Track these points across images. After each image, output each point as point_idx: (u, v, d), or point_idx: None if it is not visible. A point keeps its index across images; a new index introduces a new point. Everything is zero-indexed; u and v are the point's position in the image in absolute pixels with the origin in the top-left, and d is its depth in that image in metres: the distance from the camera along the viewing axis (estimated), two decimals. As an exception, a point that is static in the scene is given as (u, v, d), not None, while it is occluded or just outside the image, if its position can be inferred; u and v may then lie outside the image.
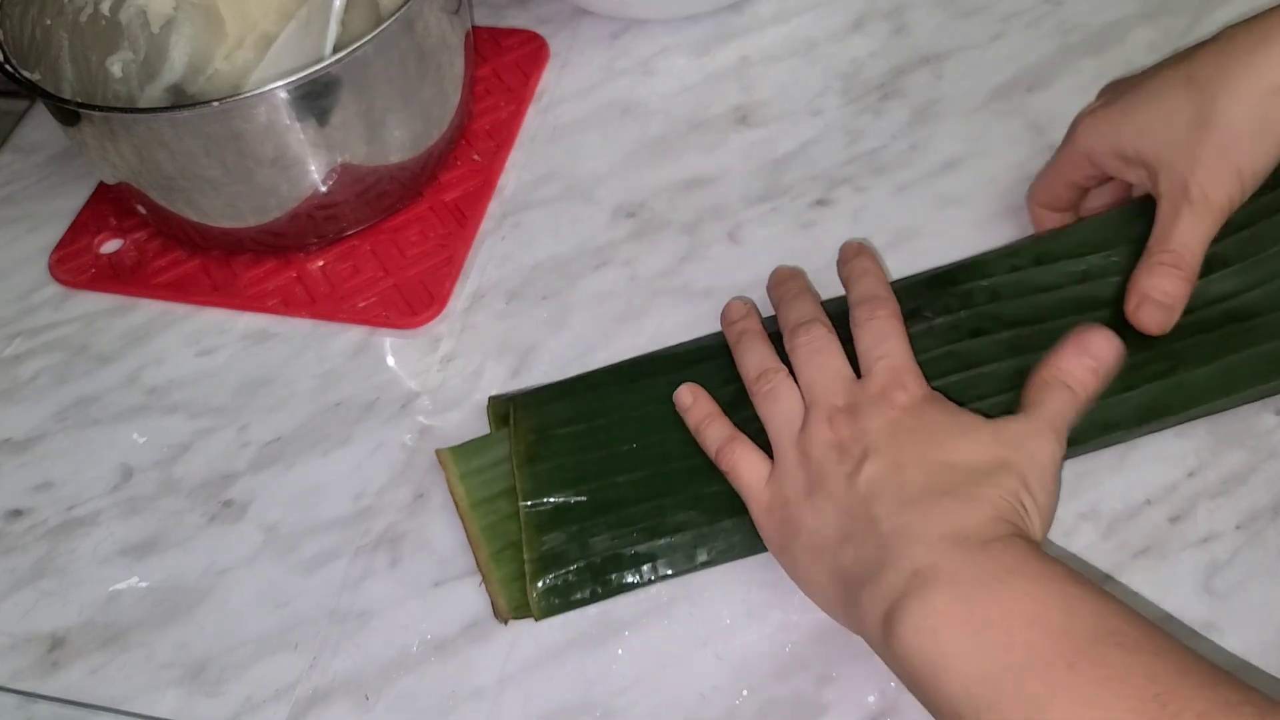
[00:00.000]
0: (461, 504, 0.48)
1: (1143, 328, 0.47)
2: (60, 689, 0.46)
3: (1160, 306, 0.47)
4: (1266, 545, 0.44)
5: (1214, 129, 0.46)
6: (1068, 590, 0.36)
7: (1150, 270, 0.47)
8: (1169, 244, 0.47)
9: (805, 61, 0.64)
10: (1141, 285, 0.47)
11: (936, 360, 0.47)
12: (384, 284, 0.56)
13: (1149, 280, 0.47)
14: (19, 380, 0.56)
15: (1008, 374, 0.47)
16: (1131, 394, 0.46)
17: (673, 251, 0.56)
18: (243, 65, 0.63)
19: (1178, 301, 0.47)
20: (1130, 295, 0.47)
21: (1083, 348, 0.43)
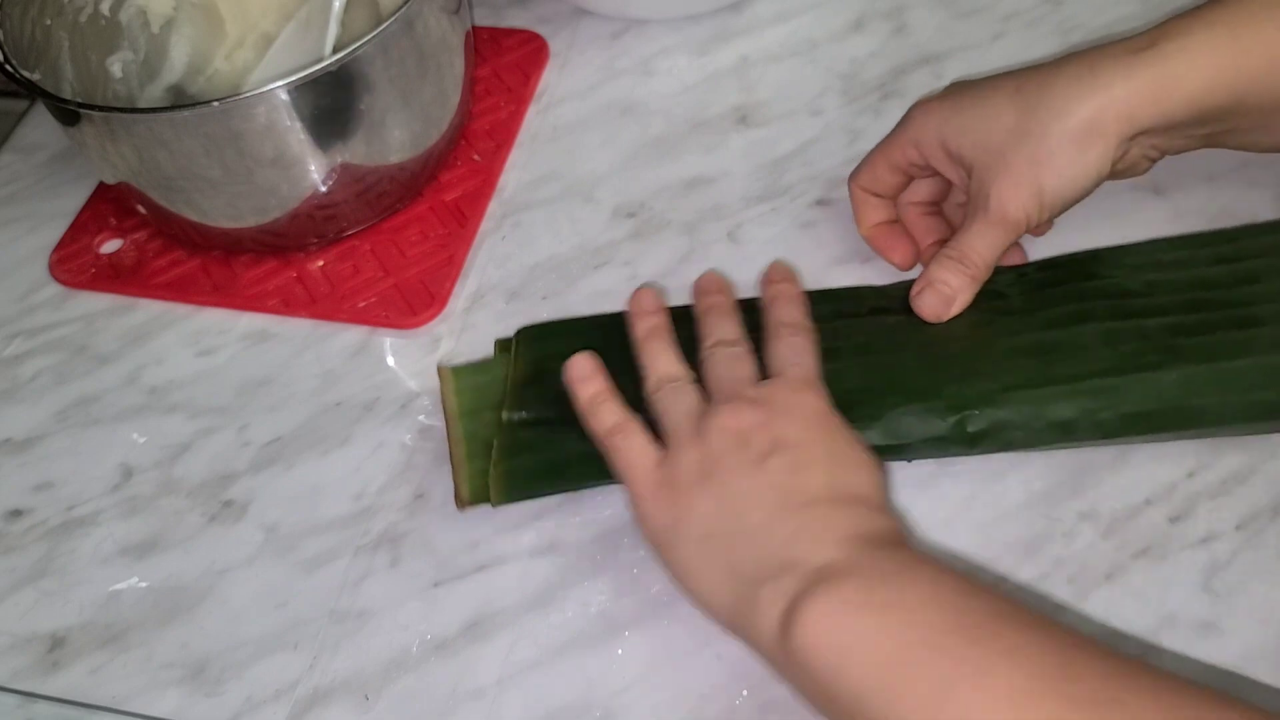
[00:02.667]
0: (450, 412, 0.49)
1: (920, 312, 0.49)
2: (60, 689, 0.46)
3: (939, 295, 0.48)
4: (1266, 545, 0.44)
5: (1028, 141, 0.47)
6: (962, 583, 0.38)
7: (939, 261, 0.49)
8: (960, 244, 0.48)
9: (805, 61, 0.64)
10: (928, 273, 0.49)
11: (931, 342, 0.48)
12: (384, 284, 0.56)
13: (935, 269, 0.49)
14: (19, 380, 0.56)
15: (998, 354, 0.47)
16: (1125, 379, 0.45)
17: (673, 251, 0.56)
18: (243, 65, 0.63)
19: (957, 294, 0.48)
20: (917, 281, 0.49)
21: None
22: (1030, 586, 0.44)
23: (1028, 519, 0.46)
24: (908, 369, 0.47)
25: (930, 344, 0.48)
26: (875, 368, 0.47)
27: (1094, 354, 0.46)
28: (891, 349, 0.48)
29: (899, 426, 0.46)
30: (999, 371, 0.46)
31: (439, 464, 0.50)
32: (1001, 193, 0.47)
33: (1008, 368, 0.46)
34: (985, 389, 0.46)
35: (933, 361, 0.47)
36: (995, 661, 0.34)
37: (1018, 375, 0.46)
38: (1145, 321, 0.47)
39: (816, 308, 0.49)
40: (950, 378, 0.46)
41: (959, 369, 0.47)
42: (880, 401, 0.46)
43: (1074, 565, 0.44)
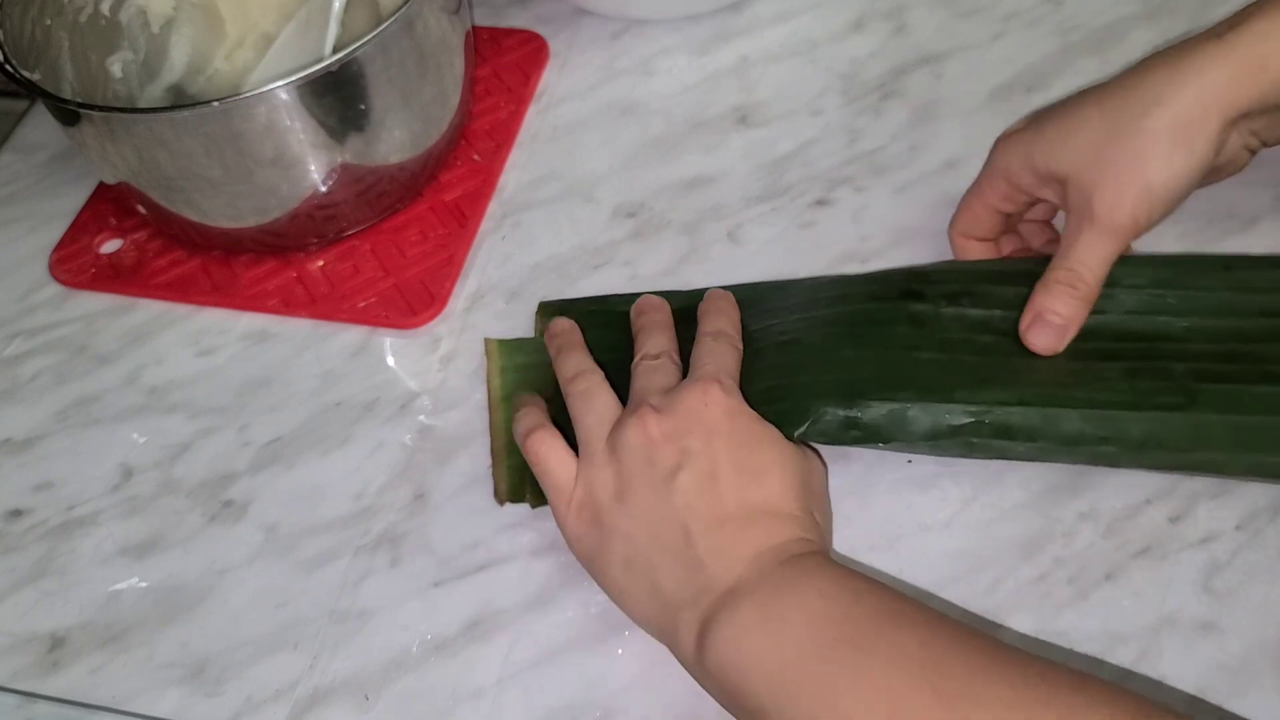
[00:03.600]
0: (495, 395, 0.51)
1: (1032, 348, 0.46)
2: (60, 689, 0.46)
3: (1050, 327, 0.46)
4: (1266, 545, 0.44)
5: (1125, 138, 0.45)
6: (856, 584, 0.39)
7: (1046, 288, 0.46)
8: (1067, 261, 0.46)
9: (805, 61, 0.64)
10: (1035, 303, 0.46)
11: (955, 342, 0.47)
12: (384, 284, 0.56)
13: (1043, 299, 0.46)
14: (19, 380, 0.56)
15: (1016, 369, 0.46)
16: (1138, 415, 0.44)
17: (673, 251, 0.56)
18: (243, 65, 0.63)
19: (1070, 323, 0.46)
20: (1025, 313, 0.46)
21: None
22: (1030, 586, 0.44)
23: (1028, 519, 0.46)
24: (925, 365, 0.46)
25: (952, 344, 0.47)
26: (893, 359, 0.47)
27: (1113, 385, 0.45)
28: (913, 342, 0.47)
29: (905, 419, 0.45)
30: (1014, 384, 0.45)
31: (439, 464, 0.50)
32: (1106, 196, 0.45)
33: (1024, 382, 0.45)
34: (998, 398, 0.45)
35: (951, 362, 0.46)
36: (873, 664, 0.36)
37: (1033, 392, 0.45)
38: (1173, 365, 0.46)
39: (842, 288, 0.50)
40: (965, 381, 0.46)
41: (976, 375, 0.46)
42: (891, 392, 0.45)
43: (1074, 565, 0.44)
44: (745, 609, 0.39)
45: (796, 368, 0.47)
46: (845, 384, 0.46)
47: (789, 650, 0.37)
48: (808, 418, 0.45)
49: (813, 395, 0.46)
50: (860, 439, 0.45)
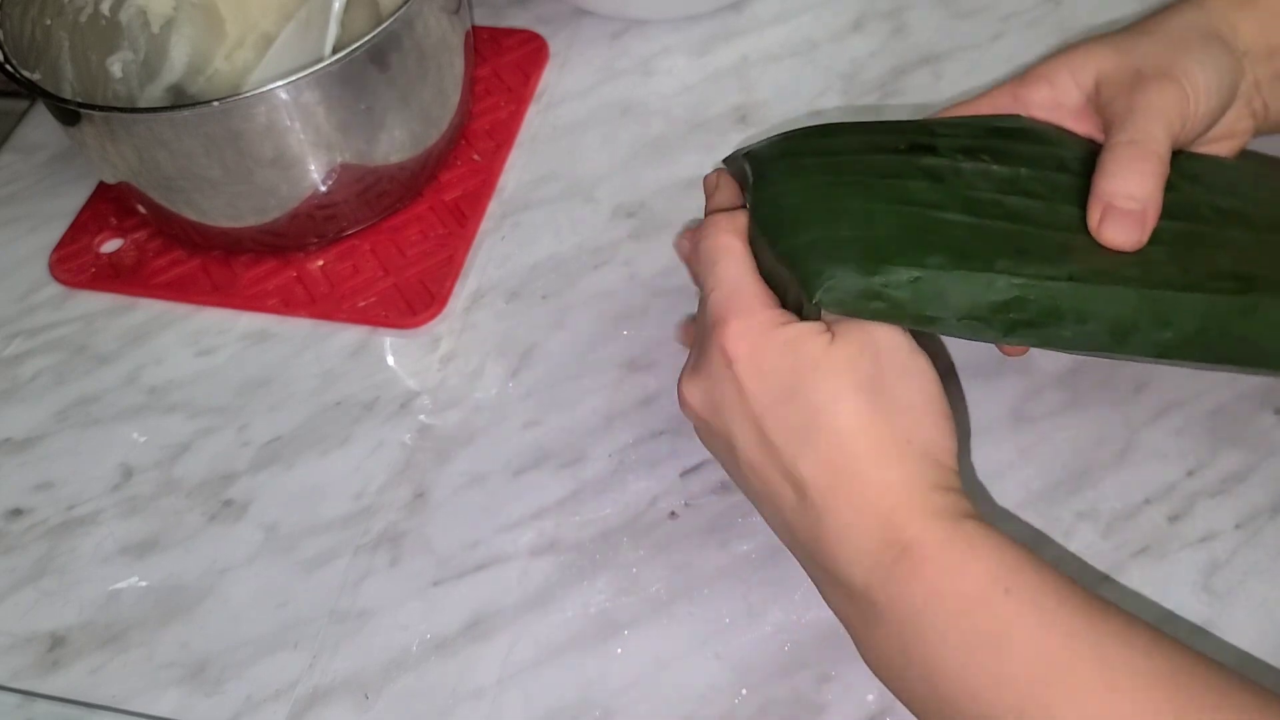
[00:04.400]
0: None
1: (1110, 244, 0.40)
2: (60, 688, 0.46)
3: (1128, 216, 0.40)
4: (1265, 544, 0.44)
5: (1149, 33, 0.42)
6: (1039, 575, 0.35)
7: (1111, 170, 0.40)
8: (1127, 133, 0.40)
9: (805, 61, 0.64)
10: (1101, 190, 0.40)
11: (982, 203, 0.41)
12: (384, 284, 0.56)
13: (1111, 183, 0.40)
14: (19, 380, 0.56)
15: (1055, 243, 0.40)
16: (1195, 298, 0.39)
17: (672, 251, 0.56)
18: (243, 65, 0.63)
19: (1149, 205, 0.40)
20: (1091, 205, 0.40)
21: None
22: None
23: (1027, 519, 0.46)
24: (952, 227, 0.40)
25: (979, 204, 0.41)
26: (914, 217, 0.40)
27: (1162, 267, 0.40)
28: (934, 199, 0.41)
29: (938, 291, 0.39)
30: (1060, 256, 0.39)
31: (439, 463, 0.50)
32: (1155, 57, 0.40)
33: (1071, 255, 0.40)
34: (1042, 271, 0.39)
35: (982, 226, 0.40)
36: (1094, 683, 0.32)
37: (1081, 266, 0.39)
38: (1217, 249, 0.41)
39: (835, 138, 0.43)
40: (1005, 249, 0.39)
41: (1015, 243, 0.40)
42: (919, 256, 0.39)
43: (1073, 565, 0.44)
44: (882, 631, 0.35)
45: (796, 224, 0.40)
46: (860, 243, 0.39)
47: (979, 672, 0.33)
48: (819, 283, 0.38)
49: (823, 256, 0.39)
50: (883, 313, 0.38)
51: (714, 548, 0.46)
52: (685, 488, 0.48)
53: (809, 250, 0.39)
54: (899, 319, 0.38)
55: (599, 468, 0.49)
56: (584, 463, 0.50)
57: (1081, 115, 0.44)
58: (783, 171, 0.42)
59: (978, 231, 0.40)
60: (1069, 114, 0.44)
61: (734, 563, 0.46)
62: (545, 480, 0.49)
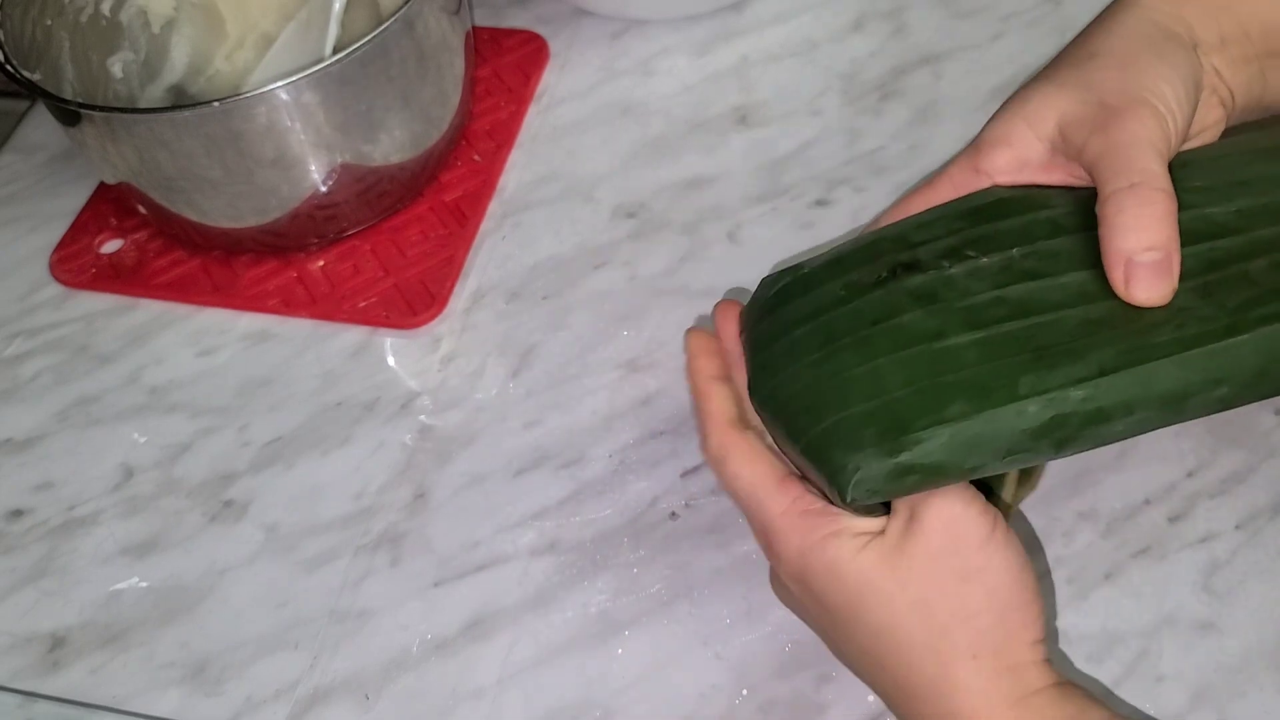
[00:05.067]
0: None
1: (1143, 303, 0.35)
2: (61, 688, 0.46)
3: (1152, 268, 0.35)
4: (1266, 545, 0.44)
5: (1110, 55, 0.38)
6: None
7: (1117, 224, 0.35)
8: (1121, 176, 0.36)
9: (805, 62, 0.64)
10: (1115, 248, 0.35)
11: (983, 308, 0.36)
12: (384, 284, 0.56)
13: (1122, 239, 0.35)
14: (20, 380, 0.56)
15: (1074, 325, 0.36)
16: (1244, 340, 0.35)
17: (672, 251, 0.56)
18: (243, 65, 0.63)
19: (1170, 250, 0.35)
20: (1110, 267, 0.36)
21: None
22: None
23: (1028, 519, 0.46)
24: (962, 356, 0.36)
25: (981, 313, 0.36)
26: (919, 362, 0.36)
27: (1196, 312, 0.35)
28: (933, 329, 0.36)
29: (970, 442, 0.35)
30: (1085, 345, 0.35)
31: (439, 464, 0.50)
32: (1124, 88, 0.36)
33: (1096, 335, 0.36)
34: (1071, 375, 0.35)
35: (993, 341, 0.36)
36: None
37: (1109, 351, 0.35)
38: (1246, 264, 0.36)
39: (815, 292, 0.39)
40: (1024, 361, 0.35)
41: (1032, 345, 0.36)
42: (938, 411, 0.35)
43: (1074, 565, 0.44)
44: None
45: (805, 414, 0.37)
46: (875, 417, 0.36)
47: None
48: (845, 480, 0.35)
49: (842, 445, 0.36)
50: (923, 483, 0.35)
51: (714, 548, 0.47)
52: (685, 488, 0.48)
53: (824, 442, 0.36)
54: (939, 483, 0.35)
55: (599, 468, 0.49)
56: (584, 463, 0.50)
57: (1050, 167, 0.39)
58: (778, 355, 0.39)
59: (989, 348, 0.36)
60: (1037, 170, 0.40)
61: (734, 563, 0.46)
62: (545, 480, 0.49)
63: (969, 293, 0.37)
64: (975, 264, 0.38)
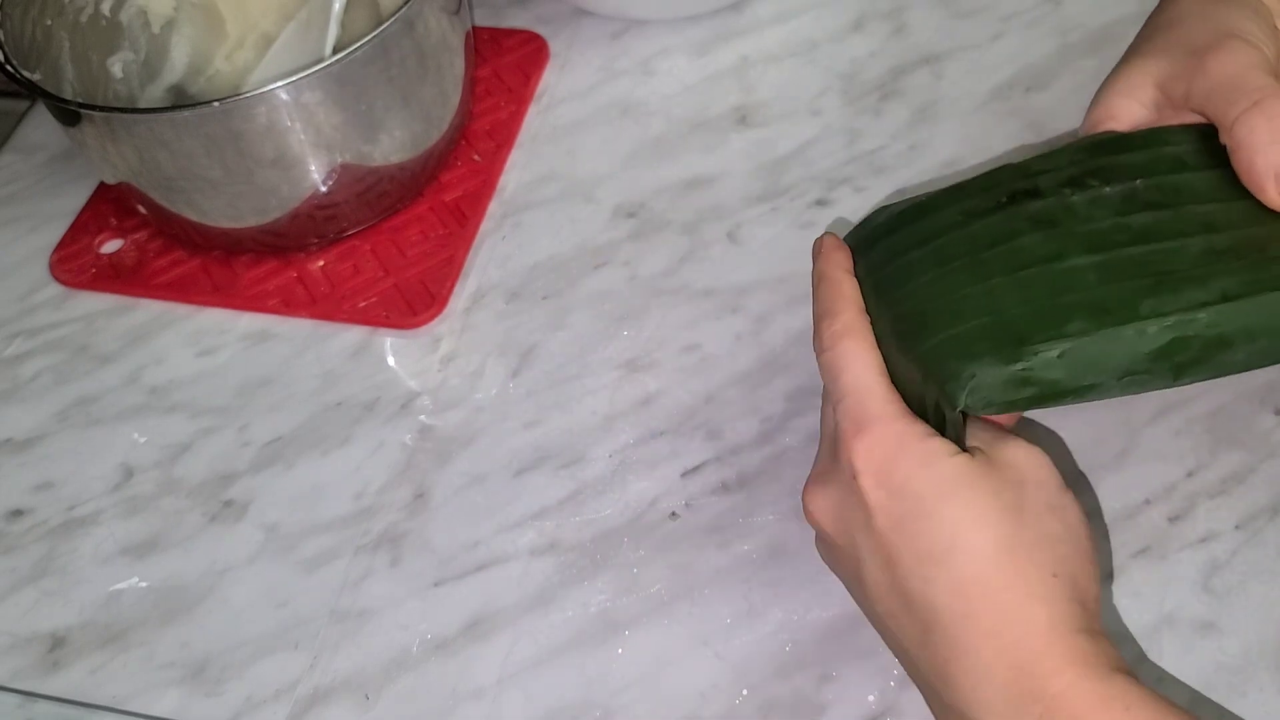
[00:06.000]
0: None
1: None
2: (61, 688, 0.46)
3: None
4: (1266, 545, 0.44)
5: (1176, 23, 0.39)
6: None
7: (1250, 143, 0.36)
8: (1237, 97, 0.36)
9: (805, 62, 0.64)
10: (1258, 168, 0.36)
11: (1104, 233, 0.36)
12: (384, 284, 0.56)
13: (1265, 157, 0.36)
14: (20, 380, 0.56)
15: (1197, 253, 0.36)
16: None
17: (672, 251, 0.56)
18: (243, 65, 0.63)
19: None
20: (1264, 186, 0.36)
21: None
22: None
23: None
24: (1082, 276, 0.36)
25: (1103, 238, 0.36)
26: (1039, 280, 0.36)
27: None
28: (1053, 250, 0.36)
29: (1089, 358, 0.35)
30: (1207, 272, 0.35)
31: (439, 464, 0.50)
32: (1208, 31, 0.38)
33: (1219, 264, 0.35)
34: (1194, 299, 0.35)
35: (1113, 264, 0.36)
36: None
37: (1233, 280, 0.35)
38: None
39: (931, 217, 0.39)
40: (1146, 284, 0.35)
41: (1154, 270, 0.35)
42: (1058, 326, 0.35)
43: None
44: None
45: (920, 330, 0.37)
46: (993, 330, 0.35)
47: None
48: (960, 385, 0.35)
49: (959, 355, 0.35)
50: (1038, 398, 0.35)
51: (714, 548, 0.47)
52: (685, 488, 0.48)
53: (941, 352, 0.36)
54: (1056, 399, 0.35)
55: (599, 468, 0.49)
56: (584, 463, 0.50)
57: (1163, 120, 0.41)
58: (892, 275, 0.39)
59: (1110, 271, 0.36)
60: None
61: (734, 563, 0.46)
62: (545, 480, 0.49)
63: (1090, 219, 0.37)
64: (1098, 193, 0.37)
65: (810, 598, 0.45)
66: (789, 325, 0.53)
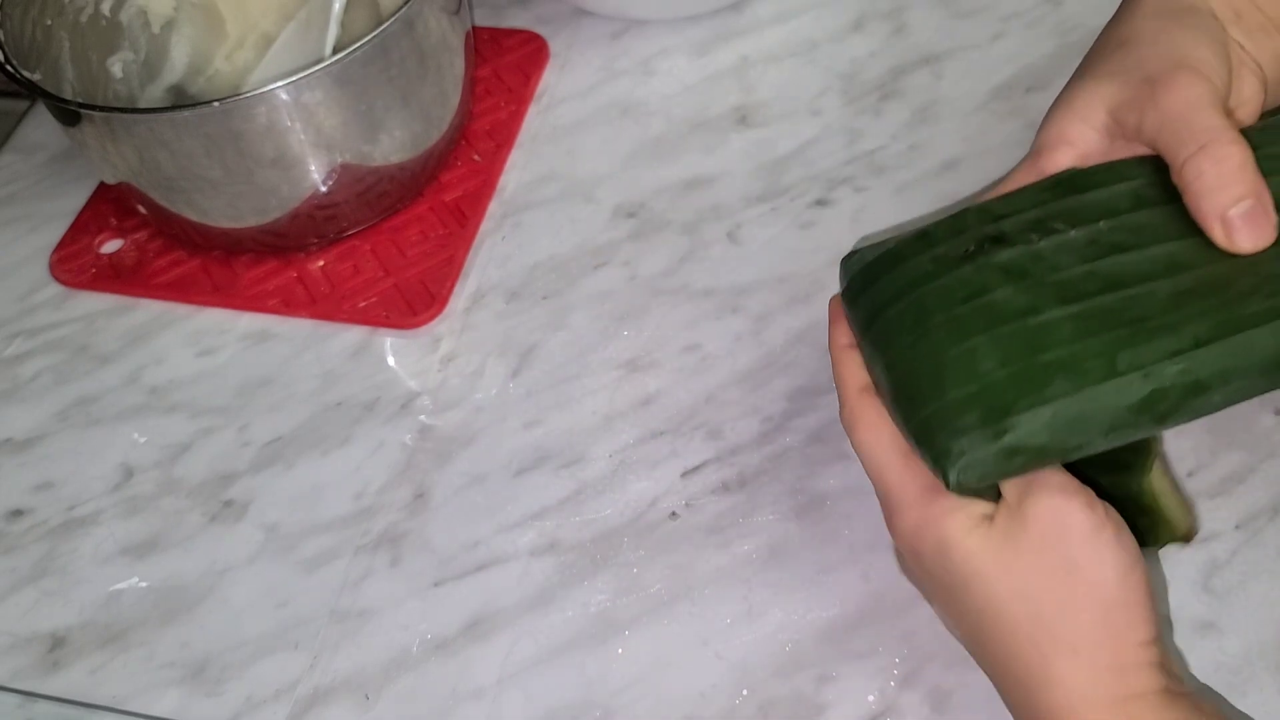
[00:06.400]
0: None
1: (1246, 249, 0.36)
2: (61, 688, 0.46)
3: (1247, 218, 0.35)
4: (1265, 545, 0.44)
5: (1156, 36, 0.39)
6: None
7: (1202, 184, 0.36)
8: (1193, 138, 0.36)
9: (805, 62, 0.64)
10: (1206, 208, 0.36)
11: (1075, 282, 0.36)
12: (384, 284, 0.56)
13: (1210, 199, 0.36)
14: (20, 380, 0.56)
15: (1165, 297, 0.36)
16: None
17: (672, 251, 0.56)
18: (243, 66, 0.63)
19: (1260, 194, 0.36)
20: (1207, 225, 0.36)
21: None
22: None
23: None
24: (1058, 332, 0.35)
25: (1074, 287, 0.36)
26: (1016, 340, 0.36)
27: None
28: (1026, 304, 0.36)
29: (1073, 420, 0.35)
30: (1179, 316, 0.35)
31: (439, 463, 0.50)
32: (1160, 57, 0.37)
33: (1188, 305, 0.36)
34: (1168, 347, 0.35)
35: (1087, 315, 0.36)
36: None
37: (1203, 323, 0.35)
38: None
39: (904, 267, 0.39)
40: (1121, 335, 0.35)
41: (1127, 318, 0.35)
42: (1039, 390, 0.35)
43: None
44: None
45: (909, 400, 0.37)
46: (978, 398, 0.35)
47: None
48: (950, 464, 0.35)
49: (945, 430, 0.36)
50: (1029, 464, 0.35)
51: (714, 548, 0.47)
52: (685, 488, 0.48)
53: (930, 426, 0.36)
54: (1045, 464, 0.36)
55: (599, 468, 0.49)
56: (584, 463, 0.50)
57: (1113, 153, 0.40)
58: (877, 338, 0.39)
59: (1084, 323, 0.36)
60: (1100, 156, 0.40)
61: (734, 563, 0.46)
62: (545, 480, 0.49)
63: (1059, 267, 0.37)
64: (1064, 237, 0.37)
65: (810, 598, 0.45)
66: (789, 325, 0.53)
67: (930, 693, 0.42)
